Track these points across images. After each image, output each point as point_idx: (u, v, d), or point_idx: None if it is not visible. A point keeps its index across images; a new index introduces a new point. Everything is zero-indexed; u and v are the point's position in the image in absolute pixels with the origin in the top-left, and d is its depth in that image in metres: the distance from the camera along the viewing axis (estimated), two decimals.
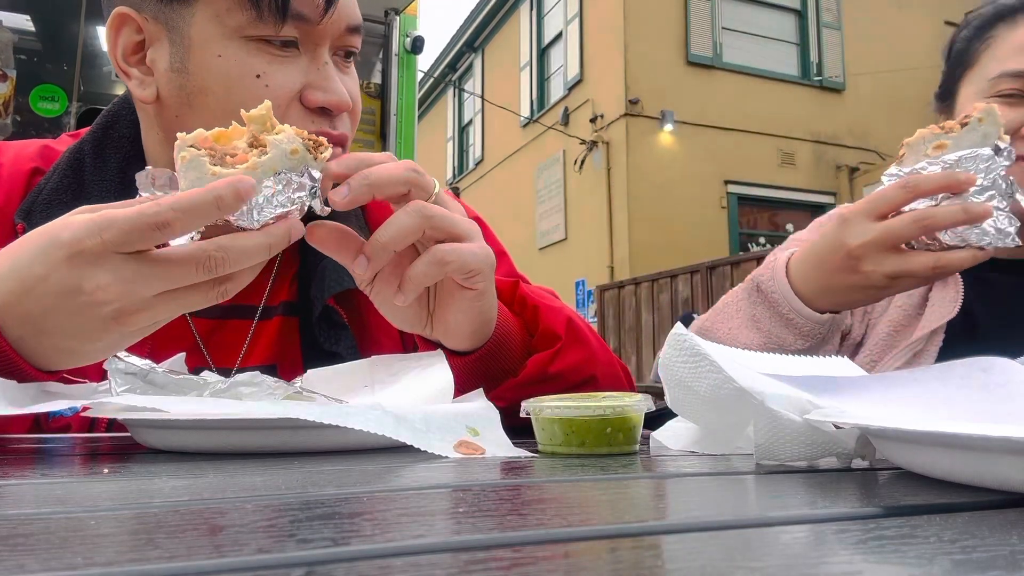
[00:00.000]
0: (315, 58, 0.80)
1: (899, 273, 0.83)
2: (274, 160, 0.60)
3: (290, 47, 0.79)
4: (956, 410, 0.41)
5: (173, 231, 0.56)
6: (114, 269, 0.55)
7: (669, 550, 0.27)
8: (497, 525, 0.30)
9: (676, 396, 0.57)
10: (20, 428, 0.78)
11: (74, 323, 0.57)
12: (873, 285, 0.86)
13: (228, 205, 0.56)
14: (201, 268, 0.57)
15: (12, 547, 0.26)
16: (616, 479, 0.44)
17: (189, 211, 0.55)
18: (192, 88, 0.78)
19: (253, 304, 0.91)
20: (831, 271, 0.88)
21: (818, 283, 0.91)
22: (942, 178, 0.80)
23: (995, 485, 0.36)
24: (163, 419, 0.55)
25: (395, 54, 3.45)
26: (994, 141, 0.82)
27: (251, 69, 0.77)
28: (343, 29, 0.82)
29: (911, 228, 0.81)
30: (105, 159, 0.87)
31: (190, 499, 0.36)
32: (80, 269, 0.55)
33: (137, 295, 0.56)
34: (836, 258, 0.87)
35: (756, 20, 11.59)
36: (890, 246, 0.83)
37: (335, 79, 0.81)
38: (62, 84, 3.15)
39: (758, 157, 11.04)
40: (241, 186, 0.57)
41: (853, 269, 0.85)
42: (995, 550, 0.25)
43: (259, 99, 0.71)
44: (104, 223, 0.55)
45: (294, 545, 0.26)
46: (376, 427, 0.53)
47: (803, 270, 0.93)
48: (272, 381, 0.63)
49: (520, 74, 13.80)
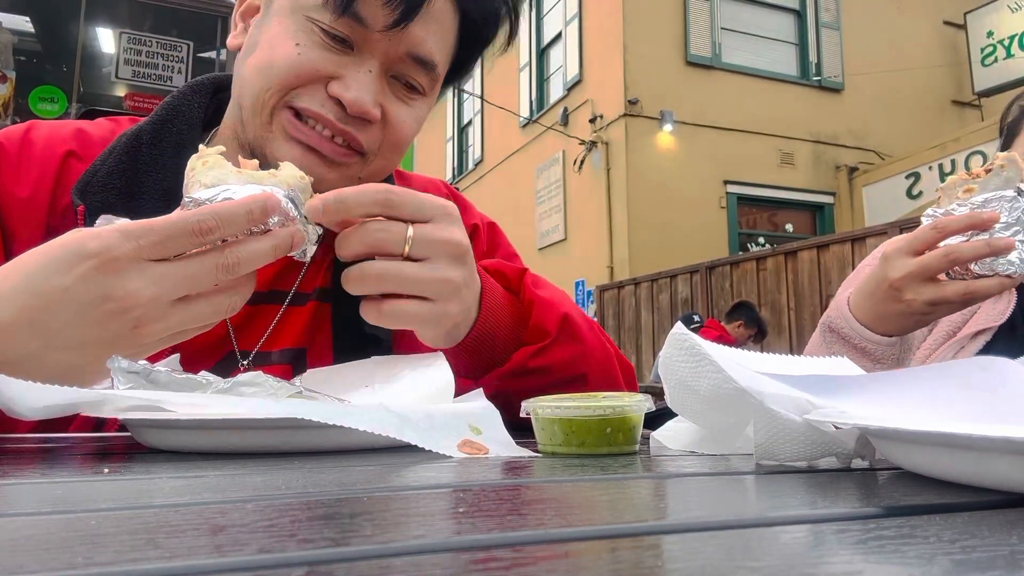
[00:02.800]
0: (361, 63, 0.82)
1: (936, 300, 0.98)
2: (289, 177, 0.68)
3: (343, 44, 0.82)
4: (956, 410, 0.41)
5: (212, 236, 0.60)
6: (144, 274, 0.58)
7: (669, 550, 0.27)
8: (497, 525, 0.30)
9: (676, 395, 0.57)
10: (25, 427, 0.78)
11: (92, 335, 0.58)
12: (916, 312, 1.00)
13: (256, 219, 0.62)
14: (220, 268, 0.61)
15: (12, 547, 0.26)
16: (616, 479, 0.44)
17: (226, 220, 0.60)
18: (251, 44, 0.86)
19: (286, 290, 0.92)
20: (880, 301, 1.04)
21: (873, 312, 1.06)
22: (967, 218, 0.96)
23: (995, 485, 0.36)
24: (164, 419, 0.55)
25: None
26: (1016, 184, 0.96)
27: (294, 38, 0.82)
28: (403, 53, 0.83)
29: (941, 262, 0.96)
30: (162, 149, 0.90)
31: (190, 499, 0.36)
32: (111, 277, 0.57)
33: (162, 299, 0.59)
34: (881, 290, 1.02)
35: (755, 20, 11.59)
36: (925, 278, 0.98)
37: (366, 84, 0.82)
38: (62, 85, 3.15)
39: (757, 157, 11.04)
40: (269, 203, 0.63)
41: (897, 299, 1.01)
42: (995, 550, 0.25)
43: (289, 61, 0.81)
44: (140, 230, 0.58)
45: (295, 545, 0.26)
46: (380, 427, 0.53)
47: (859, 303, 1.09)
48: (274, 381, 0.63)
49: (519, 74, 13.80)
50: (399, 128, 0.87)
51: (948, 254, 0.95)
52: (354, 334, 0.89)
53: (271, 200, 0.63)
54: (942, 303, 0.98)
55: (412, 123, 0.88)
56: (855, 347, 1.09)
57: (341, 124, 0.82)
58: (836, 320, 1.12)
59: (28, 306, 0.57)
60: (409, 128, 0.88)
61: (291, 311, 0.92)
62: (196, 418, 0.55)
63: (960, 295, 0.97)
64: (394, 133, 0.87)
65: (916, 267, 0.98)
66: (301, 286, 0.94)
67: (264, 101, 0.82)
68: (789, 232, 11.19)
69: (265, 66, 0.82)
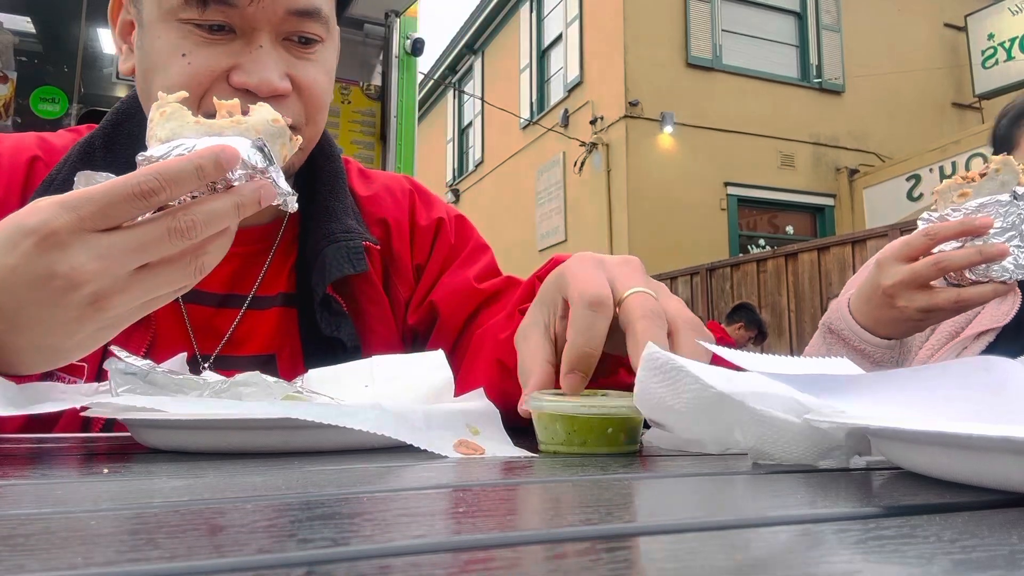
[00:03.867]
0: (250, 42, 0.81)
1: (928, 308, 0.98)
2: (256, 122, 0.61)
3: (224, 31, 0.80)
4: (956, 409, 0.41)
5: (157, 199, 0.54)
6: (88, 247, 0.54)
7: (669, 549, 0.27)
8: (497, 525, 0.30)
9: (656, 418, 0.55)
10: (12, 427, 0.78)
11: (51, 315, 0.55)
12: (909, 318, 1.00)
13: (209, 174, 0.56)
14: (174, 234, 0.55)
15: (12, 547, 0.26)
16: (615, 479, 0.44)
17: (172, 179, 0.54)
18: (145, 65, 0.84)
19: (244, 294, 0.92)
20: (875, 307, 1.04)
21: (871, 316, 1.06)
22: (959, 224, 0.95)
23: (995, 485, 0.36)
24: (163, 419, 0.55)
25: (395, 56, 3.46)
26: (1012, 188, 0.94)
27: (179, 50, 0.80)
28: (283, 14, 0.81)
29: (931, 270, 0.96)
30: (115, 153, 0.90)
31: (190, 499, 0.36)
32: (52, 253, 0.53)
33: (113, 272, 0.54)
34: (876, 296, 1.03)
35: (756, 22, 11.60)
36: (917, 285, 0.98)
37: (264, 63, 0.81)
38: (62, 86, 3.15)
39: (758, 159, 11.04)
40: (223, 156, 0.56)
41: (890, 305, 1.01)
42: (995, 550, 0.25)
43: (186, 76, 0.79)
44: (78, 200, 0.53)
45: (294, 545, 0.26)
46: (376, 427, 0.53)
47: (859, 306, 1.09)
48: (272, 381, 0.63)
49: (520, 76, 13.80)
50: (313, 88, 0.85)
51: (939, 262, 0.95)
52: (322, 340, 0.89)
53: (226, 153, 0.56)
54: (935, 310, 0.98)
55: (323, 77, 0.87)
56: (855, 349, 1.09)
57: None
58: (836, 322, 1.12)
59: None
60: (322, 84, 0.87)
61: (253, 315, 0.91)
62: (195, 418, 0.55)
63: (952, 303, 0.96)
64: (310, 95, 0.85)
65: (907, 275, 0.98)
66: (261, 289, 0.92)
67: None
68: (789, 234, 11.19)
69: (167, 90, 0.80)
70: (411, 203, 1.06)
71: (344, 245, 0.91)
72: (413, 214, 1.05)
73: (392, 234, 1.01)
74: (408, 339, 1.00)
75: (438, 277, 1.02)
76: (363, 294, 0.94)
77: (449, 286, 0.99)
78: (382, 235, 1.01)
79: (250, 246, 0.93)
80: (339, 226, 0.93)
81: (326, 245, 0.90)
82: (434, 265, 1.03)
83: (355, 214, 0.98)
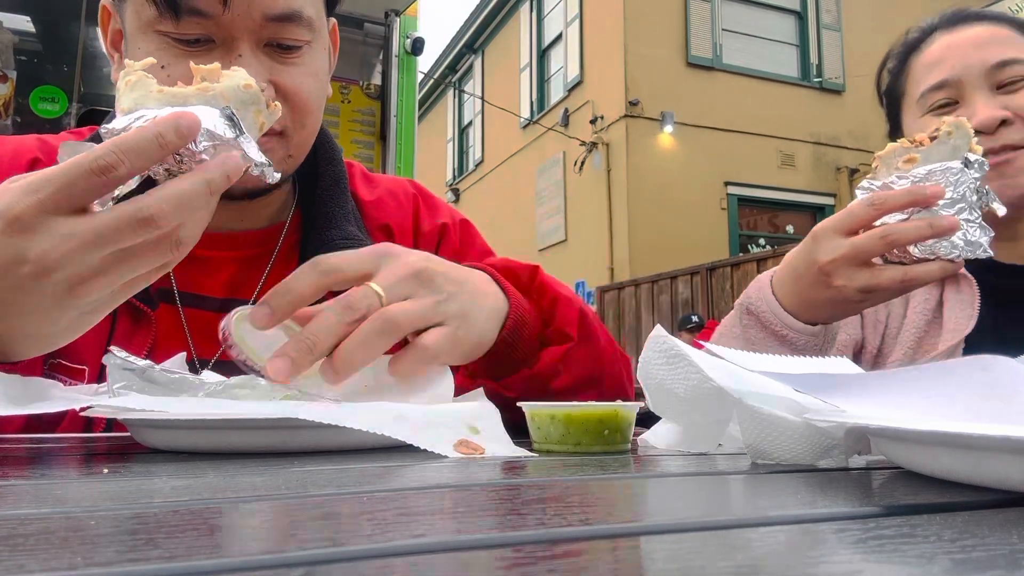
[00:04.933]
0: (229, 51, 0.80)
1: (870, 287, 0.85)
2: (225, 88, 0.57)
3: (201, 43, 0.79)
4: (956, 409, 0.41)
5: (118, 175, 0.52)
6: (53, 231, 0.52)
7: (669, 549, 0.27)
8: (497, 525, 0.30)
9: (656, 398, 0.57)
10: (14, 426, 0.78)
11: (27, 301, 0.54)
12: (847, 299, 0.88)
13: (171, 143, 0.53)
14: (140, 223, 0.53)
15: (12, 547, 0.26)
16: (615, 478, 0.44)
17: (131, 151, 0.52)
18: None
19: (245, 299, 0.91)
20: (807, 286, 0.90)
21: (798, 297, 0.93)
22: (908, 193, 0.83)
23: (995, 484, 0.36)
24: (163, 419, 0.55)
25: (395, 55, 3.45)
26: (964, 154, 0.83)
27: (159, 61, 0.78)
28: (260, 20, 0.80)
29: (877, 244, 0.83)
30: None
31: (190, 499, 0.36)
32: (17, 238, 0.51)
33: (83, 258, 0.53)
34: (810, 274, 0.89)
35: (756, 21, 11.60)
36: (860, 262, 0.85)
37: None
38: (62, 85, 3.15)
39: (758, 158, 11.04)
40: (183, 122, 0.53)
41: (826, 284, 0.87)
42: (995, 549, 0.25)
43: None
44: (37, 182, 0.52)
45: (294, 545, 0.26)
46: (375, 426, 0.53)
47: (783, 286, 0.95)
48: (267, 385, 0.63)
49: (520, 75, 13.80)
50: (298, 92, 0.84)
51: (886, 235, 0.82)
52: None
53: (185, 119, 0.53)
54: (876, 290, 0.86)
55: (308, 79, 0.85)
56: (774, 334, 0.96)
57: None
58: (756, 302, 0.97)
59: None
60: (308, 87, 0.85)
61: None
62: (195, 418, 0.55)
63: (898, 282, 0.84)
64: (296, 99, 0.84)
65: (849, 249, 0.85)
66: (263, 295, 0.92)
67: None
68: (790, 233, 11.19)
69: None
70: (415, 208, 1.06)
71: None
72: (417, 219, 1.05)
73: (395, 240, 1.01)
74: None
75: None
76: None
77: None
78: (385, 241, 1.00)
79: (248, 250, 0.93)
80: (338, 232, 0.92)
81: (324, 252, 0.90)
82: None
83: (356, 219, 0.97)
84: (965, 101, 1.09)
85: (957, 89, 1.09)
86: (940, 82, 1.10)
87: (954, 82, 1.09)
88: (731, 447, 0.56)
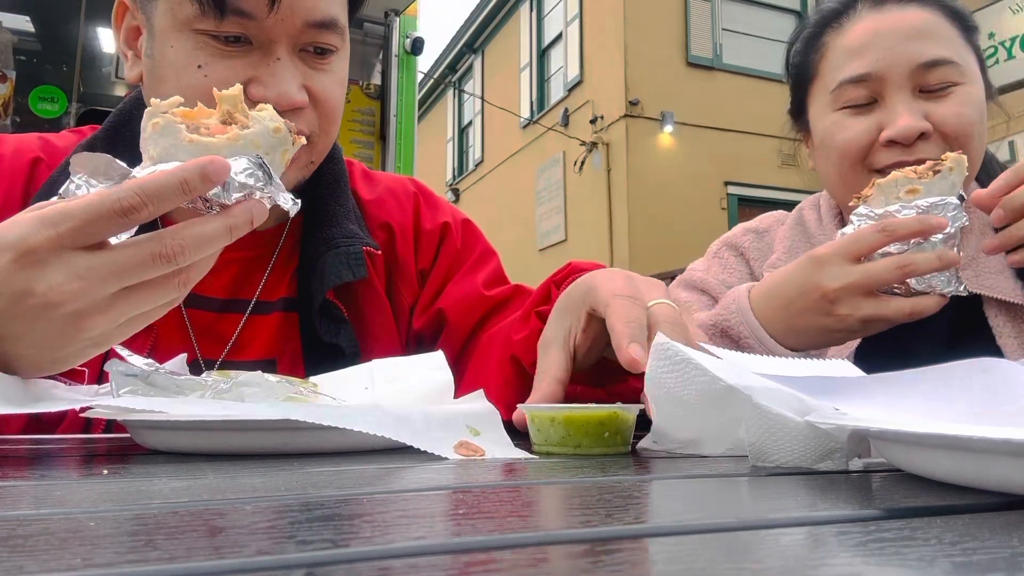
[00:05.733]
0: (267, 54, 0.80)
1: (874, 318, 0.82)
2: (256, 135, 0.58)
3: (240, 42, 0.79)
4: (957, 411, 0.41)
5: (139, 217, 0.53)
6: (67, 266, 0.52)
7: (669, 552, 0.27)
8: (497, 527, 0.30)
9: (665, 410, 0.56)
10: (14, 427, 0.78)
11: (33, 329, 0.54)
12: (846, 328, 0.83)
13: (195, 188, 0.53)
14: (158, 259, 0.54)
15: (11, 548, 0.26)
16: (615, 480, 0.44)
17: (154, 195, 0.52)
18: (155, 74, 0.82)
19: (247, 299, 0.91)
20: (799, 312, 0.85)
21: (785, 323, 0.87)
22: (917, 222, 0.81)
23: (996, 487, 0.36)
24: (163, 420, 0.55)
25: (395, 55, 3.45)
26: (959, 191, 0.84)
27: (194, 60, 0.78)
28: (300, 26, 0.81)
29: (893, 273, 0.80)
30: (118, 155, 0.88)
31: (190, 500, 0.36)
32: (29, 270, 0.52)
33: (93, 294, 0.53)
34: (808, 300, 0.84)
35: (756, 21, 11.59)
36: (867, 290, 0.82)
37: (281, 76, 0.80)
38: (62, 85, 3.15)
39: (758, 158, 11.03)
40: (211, 168, 0.54)
41: (827, 312, 0.83)
42: (996, 552, 0.25)
43: (201, 89, 0.75)
44: (58, 216, 0.52)
45: (294, 546, 0.26)
46: (376, 428, 0.53)
47: (768, 310, 0.89)
48: (275, 380, 0.63)
49: (520, 75, 13.80)
50: (328, 100, 0.85)
51: (903, 265, 0.80)
52: (323, 345, 0.89)
53: (214, 165, 0.54)
54: (877, 321, 0.82)
55: (337, 87, 0.87)
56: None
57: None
58: (736, 325, 0.90)
59: None
60: (337, 95, 0.86)
61: (255, 320, 0.91)
62: (195, 419, 0.55)
63: (905, 315, 0.81)
64: (325, 107, 0.85)
65: (860, 277, 0.81)
66: (264, 295, 0.92)
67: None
68: None
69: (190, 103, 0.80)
70: (416, 207, 1.06)
71: (344, 251, 0.90)
72: (418, 218, 1.05)
73: (396, 239, 1.01)
74: (412, 344, 1.00)
75: (444, 282, 1.01)
76: (365, 299, 0.94)
77: (457, 293, 0.99)
78: (385, 239, 1.00)
79: (251, 251, 0.93)
80: (339, 231, 0.92)
81: (326, 251, 0.90)
82: (439, 270, 1.02)
83: (357, 218, 0.97)
84: (885, 102, 0.99)
85: (878, 85, 0.99)
86: (860, 75, 1.00)
87: (876, 77, 0.99)
88: (734, 449, 0.56)
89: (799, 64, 1.12)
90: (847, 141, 1.01)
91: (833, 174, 1.07)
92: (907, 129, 0.95)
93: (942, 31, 0.99)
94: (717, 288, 1.16)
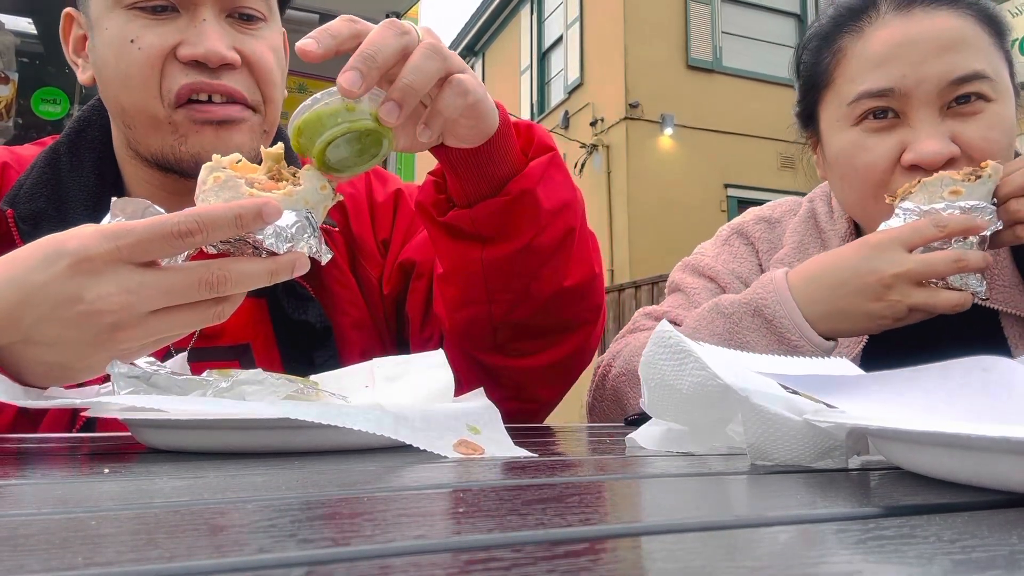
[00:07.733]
0: (194, 17, 0.84)
1: (922, 307, 0.84)
2: (307, 192, 0.63)
3: (168, 11, 0.84)
4: (956, 410, 0.41)
5: (194, 240, 0.57)
6: (119, 280, 0.56)
7: (669, 550, 0.27)
8: (497, 525, 0.30)
9: (655, 396, 0.56)
10: (3, 422, 0.79)
11: (67, 335, 0.57)
12: (892, 315, 0.85)
13: (247, 224, 0.58)
14: (204, 285, 0.58)
15: (13, 547, 0.26)
16: (614, 479, 0.44)
17: (210, 223, 0.57)
18: (99, 63, 0.87)
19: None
20: (849, 294, 0.86)
21: (829, 306, 0.88)
22: (967, 221, 0.84)
23: (995, 485, 0.36)
24: (164, 418, 0.55)
25: None
26: (993, 198, 0.88)
27: (127, 35, 0.83)
28: None
29: (950, 266, 0.83)
30: (80, 158, 0.93)
31: (190, 499, 0.36)
32: (83, 278, 0.55)
33: (137, 309, 0.57)
34: (862, 283, 0.85)
35: (756, 24, 11.60)
36: (921, 279, 0.84)
37: (208, 34, 0.83)
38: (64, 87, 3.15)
39: (758, 161, 11.04)
40: (266, 209, 0.58)
41: (878, 297, 0.85)
42: (995, 550, 0.25)
43: (136, 63, 0.83)
44: (120, 232, 0.56)
45: (294, 545, 0.26)
46: (375, 427, 0.53)
47: (809, 292, 0.89)
48: (274, 378, 0.63)
49: (520, 78, 13.81)
50: (261, 62, 0.88)
51: (959, 260, 0.82)
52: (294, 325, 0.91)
53: (268, 207, 0.59)
54: (925, 310, 0.84)
55: (269, 51, 0.90)
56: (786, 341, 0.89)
57: (212, 80, 0.84)
58: (772, 305, 0.89)
59: (7, 297, 0.57)
60: (269, 58, 0.89)
61: None
62: (196, 418, 0.55)
63: (951, 307, 0.83)
64: (259, 68, 0.88)
65: (918, 266, 0.83)
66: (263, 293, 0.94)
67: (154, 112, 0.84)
68: None
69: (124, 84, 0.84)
70: (366, 182, 1.08)
71: None
72: (370, 192, 1.07)
73: (350, 216, 1.03)
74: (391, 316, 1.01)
75: (405, 241, 1.04)
76: (331, 277, 0.97)
77: (420, 238, 1.01)
78: (340, 218, 1.02)
79: None
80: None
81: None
82: (398, 234, 1.05)
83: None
84: (908, 120, 0.93)
85: (902, 102, 0.93)
86: (883, 90, 0.93)
87: (901, 93, 0.92)
88: (726, 448, 0.56)
89: (811, 66, 1.04)
90: (868, 166, 0.96)
91: (851, 195, 1.04)
92: (934, 156, 0.90)
93: (976, 41, 0.93)
94: (726, 277, 1.16)
